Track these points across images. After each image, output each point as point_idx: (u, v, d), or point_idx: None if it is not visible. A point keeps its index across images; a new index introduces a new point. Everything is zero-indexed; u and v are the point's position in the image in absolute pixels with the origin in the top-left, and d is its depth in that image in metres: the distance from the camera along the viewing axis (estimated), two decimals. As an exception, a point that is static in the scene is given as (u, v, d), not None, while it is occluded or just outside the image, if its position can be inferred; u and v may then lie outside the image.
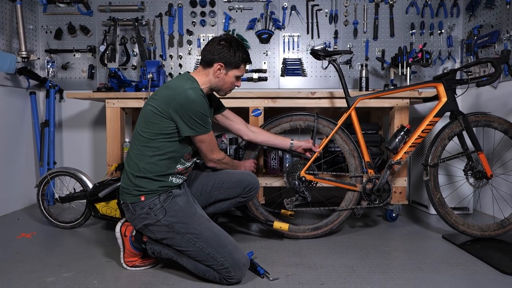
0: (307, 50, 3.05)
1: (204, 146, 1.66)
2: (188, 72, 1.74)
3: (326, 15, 3.03)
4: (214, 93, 1.82)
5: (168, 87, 1.61)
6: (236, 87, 1.81)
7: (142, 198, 1.59)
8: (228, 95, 2.37)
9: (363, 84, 2.74)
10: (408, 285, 1.51)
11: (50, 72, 3.06)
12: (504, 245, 1.98)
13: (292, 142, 2.03)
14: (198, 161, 2.00)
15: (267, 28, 3.02)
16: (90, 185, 2.27)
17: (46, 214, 2.35)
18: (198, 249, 1.51)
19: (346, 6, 3.01)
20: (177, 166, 1.65)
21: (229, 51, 1.66)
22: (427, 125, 2.07)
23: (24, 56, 2.74)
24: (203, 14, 3.03)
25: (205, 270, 1.52)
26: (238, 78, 1.75)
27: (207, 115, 1.61)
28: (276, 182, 2.39)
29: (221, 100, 1.98)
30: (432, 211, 2.63)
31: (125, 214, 1.67)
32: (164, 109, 1.56)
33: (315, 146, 2.06)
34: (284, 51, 3.06)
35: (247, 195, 1.83)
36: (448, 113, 2.12)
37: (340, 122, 2.08)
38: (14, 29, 2.78)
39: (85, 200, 2.27)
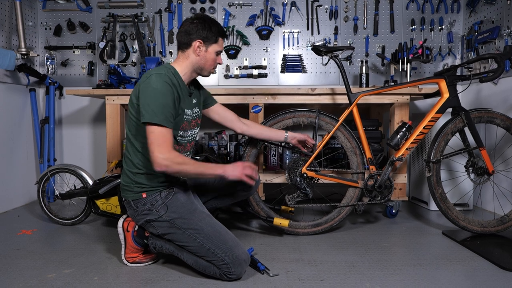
0: (307, 46, 3.04)
1: (150, 138, 1.46)
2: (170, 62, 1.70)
3: (326, 11, 3.01)
4: (200, 77, 1.75)
5: (142, 77, 1.60)
6: (218, 65, 1.77)
7: (144, 195, 1.59)
8: (228, 92, 2.39)
9: (363, 80, 2.73)
10: (408, 281, 1.52)
11: (49, 68, 3.05)
12: (504, 241, 1.98)
13: (286, 134, 1.99)
14: (197, 158, 2.00)
15: (267, 24, 3.01)
16: (90, 182, 2.27)
17: (47, 211, 2.35)
18: (199, 245, 1.51)
19: (346, 2, 3.00)
20: None
21: (205, 27, 1.63)
22: (429, 121, 2.06)
23: (23, 52, 2.73)
24: (202, 10, 3.01)
25: (206, 265, 1.52)
26: (218, 53, 1.70)
27: (166, 104, 1.48)
28: (276, 179, 2.39)
29: (220, 95, 1.96)
30: (432, 207, 2.63)
31: (127, 211, 1.67)
32: (135, 98, 1.56)
33: (311, 138, 2.04)
34: (284, 48, 3.05)
35: (248, 188, 1.86)
36: (449, 109, 2.12)
37: (341, 118, 2.08)
38: (14, 25, 2.77)
39: (85, 197, 2.27)
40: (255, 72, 3.04)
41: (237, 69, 3.05)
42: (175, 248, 1.60)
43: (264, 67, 3.05)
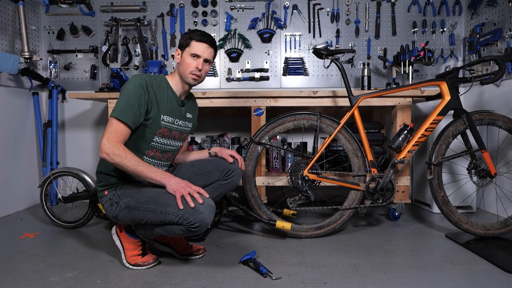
0: (308, 49, 3.05)
1: (106, 128, 1.54)
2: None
3: (327, 14, 3.02)
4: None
5: None
6: (197, 69, 1.70)
7: (106, 192, 1.67)
8: (230, 95, 2.39)
9: (365, 83, 2.74)
10: (411, 284, 1.51)
11: (52, 72, 3.07)
12: (507, 243, 1.97)
13: (209, 151, 1.98)
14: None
15: (268, 27, 3.02)
16: (93, 185, 2.27)
17: (49, 214, 2.36)
18: (153, 213, 1.53)
19: (347, 5, 3.01)
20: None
21: (182, 37, 1.75)
22: (431, 123, 2.06)
23: (26, 56, 2.75)
24: (204, 14, 3.03)
25: (171, 228, 1.53)
26: (194, 56, 1.70)
27: (132, 102, 1.54)
28: (278, 182, 2.39)
29: (222, 98, 1.94)
30: (435, 210, 2.62)
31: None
32: None
33: (237, 154, 1.90)
34: (286, 50, 3.05)
35: (228, 177, 1.81)
36: (451, 112, 2.12)
37: (343, 121, 2.08)
38: (17, 29, 2.78)
39: (88, 200, 2.28)
40: (257, 75, 3.04)
41: (239, 72, 3.05)
42: (149, 227, 1.62)
43: (266, 70, 3.05)
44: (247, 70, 3.05)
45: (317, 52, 2.13)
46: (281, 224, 2.02)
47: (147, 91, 1.60)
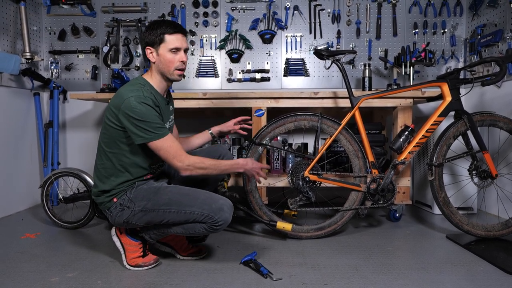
0: (309, 50, 3.05)
1: (162, 153, 1.58)
2: (143, 74, 1.72)
3: (328, 15, 3.02)
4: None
5: (116, 96, 1.61)
6: (182, 63, 1.65)
7: (115, 200, 1.66)
8: (230, 95, 2.39)
9: (366, 84, 2.74)
10: (412, 285, 1.51)
11: (54, 73, 3.07)
12: (509, 245, 1.97)
13: (210, 131, 2.05)
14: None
15: (269, 28, 3.02)
16: (94, 186, 2.28)
17: (50, 215, 2.36)
18: (175, 214, 1.56)
19: (348, 6, 3.01)
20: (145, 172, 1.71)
21: (148, 32, 1.62)
22: (432, 124, 2.06)
23: (28, 57, 2.75)
24: (205, 14, 3.03)
25: (193, 227, 1.57)
26: (174, 51, 1.62)
27: (154, 121, 1.54)
28: (279, 182, 2.39)
29: (223, 99, 1.95)
30: (436, 211, 2.62)
31: (109, 220, 1.72)
32: (115, 118, 1.58)
33: (233, 122, 2.08)
34: (286, 51, 3.06)
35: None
36: (452, 113, 2.12)
37: (344, 122, 2.08)
38: (18, 30, 2.79)
39: (88, 201, 2.28)
40: (258, 76, 3.05)
41: (240, 73, 3.06)
42: (165, 228, 1.64)
43: (267, 71, 3.05)
44: (248, 71, 3.05)
45: (318, 53, 2.13)
46: (281, 225, 2.01)
47: (156, 106, 1.59)
